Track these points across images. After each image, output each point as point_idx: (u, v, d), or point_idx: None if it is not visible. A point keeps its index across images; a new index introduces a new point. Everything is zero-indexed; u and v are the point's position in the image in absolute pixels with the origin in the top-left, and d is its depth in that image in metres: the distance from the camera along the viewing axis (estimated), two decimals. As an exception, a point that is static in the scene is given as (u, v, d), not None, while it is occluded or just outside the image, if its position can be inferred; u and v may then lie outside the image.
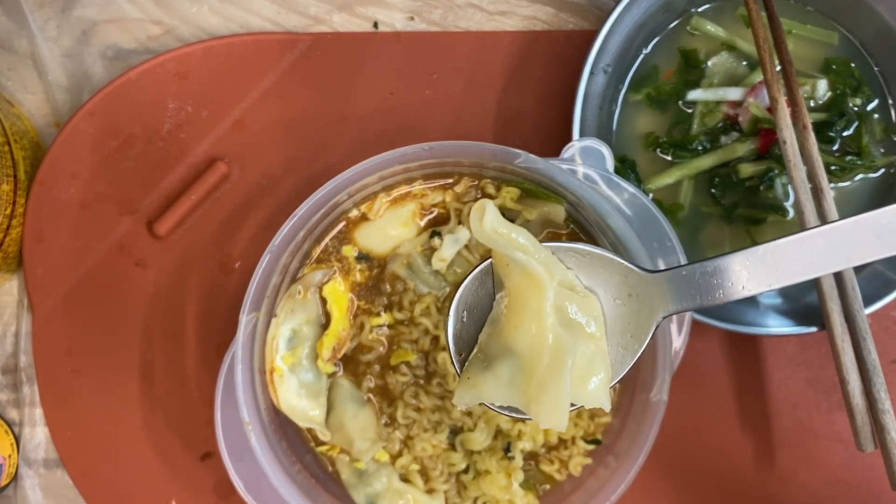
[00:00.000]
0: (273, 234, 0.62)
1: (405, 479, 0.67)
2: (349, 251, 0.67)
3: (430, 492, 0.66)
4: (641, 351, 0.56)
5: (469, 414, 0.65)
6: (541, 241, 0.67)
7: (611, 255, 0.56)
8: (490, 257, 0.57)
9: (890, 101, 0.76)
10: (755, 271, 0.50)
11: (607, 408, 0.55)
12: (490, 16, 0.79)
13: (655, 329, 0.55)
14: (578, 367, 0.54)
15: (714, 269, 0.51)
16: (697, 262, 0.52)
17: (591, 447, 0.67)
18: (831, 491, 0.76)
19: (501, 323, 0.56)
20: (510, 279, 0.55)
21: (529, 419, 0.56)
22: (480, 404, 0.63)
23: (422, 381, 0.66)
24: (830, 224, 0.49)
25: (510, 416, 0.56)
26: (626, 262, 0.56)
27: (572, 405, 0.54)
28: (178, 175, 0.77)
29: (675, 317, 0.65)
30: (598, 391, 0.55)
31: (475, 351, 0.57)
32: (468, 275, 0.57)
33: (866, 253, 0.49)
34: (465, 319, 0.57)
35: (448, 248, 0.66)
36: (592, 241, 0.67)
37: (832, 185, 0.74)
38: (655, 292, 0.54)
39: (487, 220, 0.54)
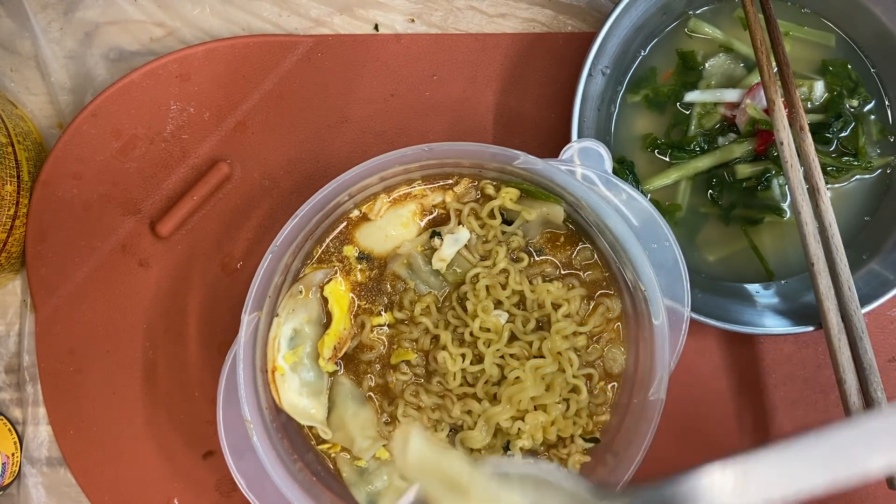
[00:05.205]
0: (275, 235, 0.62)
1: (406, 477, 0.67)
2: (350, 251, 0.68)
3: (430, 490, 0.67)
4: None
5: (469, 412, 0.65)
6: (539, 241, 0.68)
7: (559, 481, 0.50)
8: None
9: (887, 103, 0.77)
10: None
11: None
12: (490, 18, 0.80)
13: None
14: None
15: (672, 494, 0.47)
16: (651, 488, 0.48)
17: (589, 445, 0.67)
18: (828, 489, 0.76)
19: None
20: None
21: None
22: (481, 403, 0.62)
23: (422, 380, 0.67)
24: (776, 449, 0.45)
25: None
26: (574, 488, 0.50)
27: None
28: (181, 176, 0.77)
29: (672, 317, 0.65)
30: None
31: None
32: None
33: (811, 481, 0.44)
34: None
35: (448, 247, 0.66)
36: (591, 241, 0.68)
37: (829, 185, 0.75)
38: None
39: (413, 450, 0.45)
